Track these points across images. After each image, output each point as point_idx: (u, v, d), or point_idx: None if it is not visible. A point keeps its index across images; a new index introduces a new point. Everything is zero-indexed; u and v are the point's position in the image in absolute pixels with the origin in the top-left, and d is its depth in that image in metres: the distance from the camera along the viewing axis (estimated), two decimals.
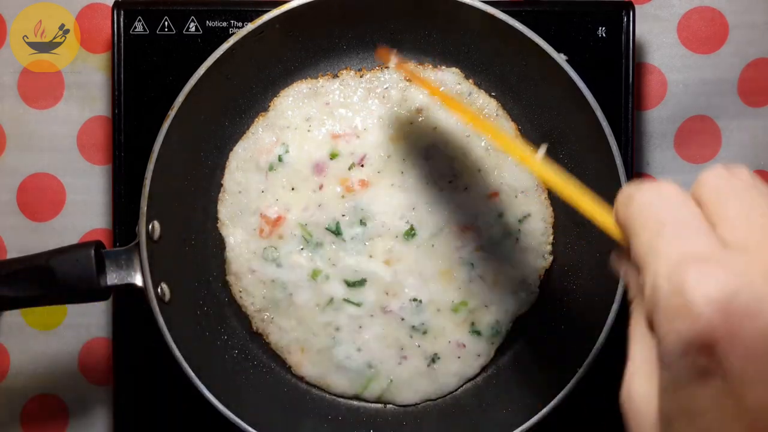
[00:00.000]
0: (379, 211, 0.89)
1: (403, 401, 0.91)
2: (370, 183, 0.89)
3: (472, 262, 0.89)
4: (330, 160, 0.89)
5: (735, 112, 0.96)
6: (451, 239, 0.89)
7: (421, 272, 0.89)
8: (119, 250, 0.80)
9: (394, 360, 0.90)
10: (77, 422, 0.97)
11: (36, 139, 0.97)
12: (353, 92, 0.90)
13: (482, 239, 0.89)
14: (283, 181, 0.89)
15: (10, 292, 0.76)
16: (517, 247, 0.89)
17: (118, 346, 0.92)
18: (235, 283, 0.90)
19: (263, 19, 0.82)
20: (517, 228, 0.89)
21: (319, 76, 0.90)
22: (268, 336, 0.91)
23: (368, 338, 0.90)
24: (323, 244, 0.89)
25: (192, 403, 0.83)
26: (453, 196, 0.89)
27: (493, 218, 0.89)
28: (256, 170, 0.89)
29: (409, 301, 0.89)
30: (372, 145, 0.89)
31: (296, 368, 0.91)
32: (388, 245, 0.89)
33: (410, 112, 0.89)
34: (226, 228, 0.90)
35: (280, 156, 0.89)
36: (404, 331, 0.90)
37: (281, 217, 0.89)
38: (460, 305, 0.89)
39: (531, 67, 0.86)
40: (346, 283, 0.89)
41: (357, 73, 0.90)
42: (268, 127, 0.89)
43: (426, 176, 0.89)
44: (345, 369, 0.90)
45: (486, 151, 0.89)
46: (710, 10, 0.95)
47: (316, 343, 0.90)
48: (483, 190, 0.89)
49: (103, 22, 0.96)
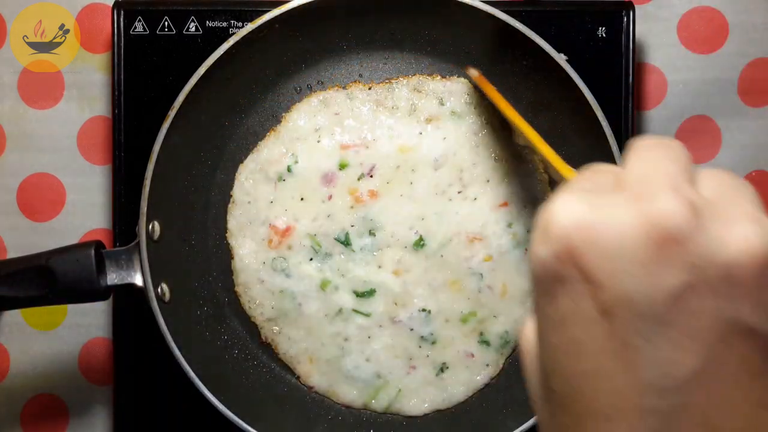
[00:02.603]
0: (388, 222, 0.89)
1: (411, 411, 0.90)
2: (379, 193, 0.89)
3: (481, 273, 0.89)
4: (339, 170, 0.89)
5: (735, 112, 0.95)
6: (459, 249, 0.89)
7: (429, 282, 0.89)
8: (119, 250, 0.80)
9: (403, 370, 0.90)
10: (77, 422, 0.97)
11: (36, 139, 0.97)
12: (362, 104, 0.90)
13: (491, 249, 0.89)
14: (292, 192, 0.89)
15: (10, 292, 0.76)
16: (527, 257, 0.89)
17: (118, 346, 0.92)
18: (243, 293, 0.90)
19: (264, 19, 0.82)
20: (526, 238, 0.89)
21: (328, 88, 0.90)
22: (277, 346, 0.91)
23: (377, 348, 0.90)
24: (332, 255, 0.89)
25: (192, 403, 0.83)
26: (462, 206, 0.89)
27: (502, 228, 0.89)
28: (265, 181, 0.89)
29: (417, 311, 0.89)
30: (381, 155, 0.89)
31: (305, 378, 0.91)
32: (397, 255, 0.89)
33: (420, 123, 0.89)
34: (234, 238, 0.90)
35: (290, 166, 0.89)
36: (413, 342, 0.89)
37: (290, 227, 0.89)
38: (469, 315, 0.89)
39: (531, 67, 0.86)
40: (355, 294, 0.89)
41: (366, 86, 0.90)
42: (279, 140, 0.89)
43: (435, 186, 0.89)
44: (353, 379, 0.90)
45: (495, 161, 0.89)
46: (710, 10, 0.95)
47: (324, 353, 0.90)
48: (492, 200, 0.89)
49: (103, 22, 0.96)
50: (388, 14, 0.87)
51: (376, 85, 0.90)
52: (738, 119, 0.96)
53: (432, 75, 0.91)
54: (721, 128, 0.96)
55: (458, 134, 0.89)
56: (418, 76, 0.90)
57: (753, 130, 0.96)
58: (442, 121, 0.89)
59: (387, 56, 0.91)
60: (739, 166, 0.96)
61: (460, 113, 0.89)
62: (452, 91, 0.90)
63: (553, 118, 0.88)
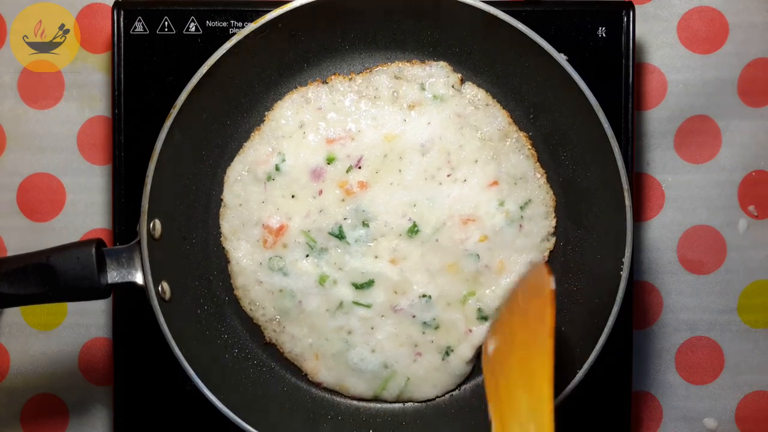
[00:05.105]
0: (381, 211, 0.89)
1: (422, 397, 0.91)
2: (369, 184, 0.89)
3: (478, 253, 0.89)
4: (327, 164, 0.89)
5: (735, 112, 0.96)
6: (454, 232, 0.89)
7: (427, 268, 0.89)
8: (120, 249, 0.80)
9: (409, 358, 0.90)
10: (77, 422, 0.97)
11: (36, 139, 0.97)
12: (343, 95, 0.90)
13: (485, 229, 0.89)
14: (282, 190, 0.89)
15: (11, 289, 0.76)
16: (521, 233, 0.89)
17: (118, 346, 0.92)
18: (243, 296, 0.90)
19: (266, 19, 0.82)
20: (520, 215, 0.89)
21: (308, 83, 0.90)
22: (282, 345, 0.90)
23: (381, 339, 0.90)
24: (328, 249, 0.89)
25: (192, 403, 0.83)
26: (452, 189, 0.89)
27: (494, 207, 0.89)
28: (254, 182, 0.89)
29: (418, 297, 0.89)
30: (367, 146, 0.89)
31: (312, 375, 0.91)
32: (392, 244, 0.89)
33: (403, 110, 0.89)
34: (229, 242, 0.90)
35: (277, 165, 0.89)
36: (416, 329, 0.90)
37: (284, 225, 0.89)
38: (468, 296, 0.89)
39: (532, 68, 0.86)
40: (354, 286, 0.89)
41: (346, 78, 0.90)
42: (264, 139, 0.89)
43: (424, 172, 0.89)
44: (361, 371, 0.90)
45: (481, 141, 0.89)
46: (710, 10, 0.95)
47: (329, 348, 0.90)
48: (482, 180, 0.89)
49: (103, 22, 0.96)
50: (390, 14, 0.87)
51: (356, 76, 0.90)
52: (738, 119, 0.96)
53: (411, 61, 0.91)
54: (721, 128, 0.96)
55: (442, 118, 0.89)
56: (397, 63, 0.90)
57: (753, 129, 0.96)
58: (425, 106, 0.89)
59: (389, 56, 0.91)
60: (738, 166, 0.96)
61: (442, 96, 0.89)
62: (432, 74, 0.90)
63: (554, 120, 0.88)
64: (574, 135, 0.87)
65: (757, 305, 0.97)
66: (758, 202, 0.96)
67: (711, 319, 0.97)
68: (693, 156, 0.96)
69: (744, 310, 0.97)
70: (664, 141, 0.96)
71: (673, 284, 0.97)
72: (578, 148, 0.87)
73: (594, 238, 0.87)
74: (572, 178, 0.89)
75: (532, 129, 0.90)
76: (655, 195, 0.97)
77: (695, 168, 0.96)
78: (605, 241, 0.86)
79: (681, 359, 0.97)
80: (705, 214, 0.97)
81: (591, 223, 0.88)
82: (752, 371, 0.97)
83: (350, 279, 0.89)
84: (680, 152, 0.96)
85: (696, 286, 0.97)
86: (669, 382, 0.97)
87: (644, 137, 0.96)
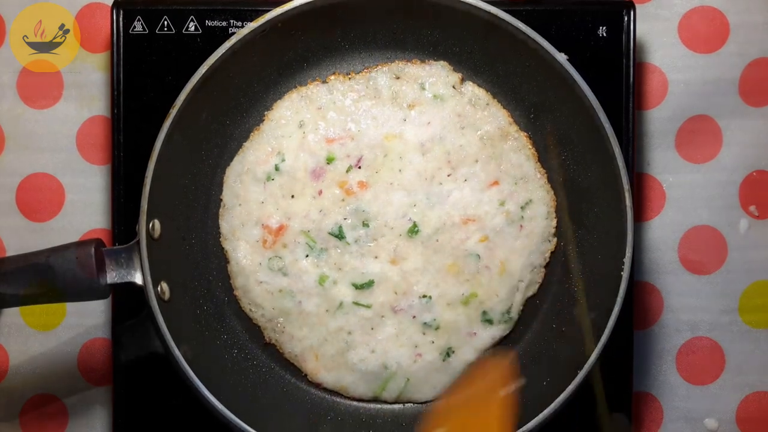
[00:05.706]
0: (381, 211, 0.89)
1: (422, 398, 0.90)
2: (369, 184, 0.89)
3: (478, 253, 0.89)
4: (327, 164, 0.89)
5: (736, 112, 0.95)
6: (454, 232, 0.89)
7: (427, 268, 0.89)
8: (119, 249, 0.80)
9: (409, 358, 0.90)
10: (77, 422, 0.97)
11: (35, 139, 0.97)
12: (343, 95, 0.89)
13: (486, 229, 0.89)
14: (282, 190, 0.89)
15: (10, 289, 0.75)
16: (522, 233, 0.89)
17: (118, 347, 0.92)
18: (243, 296, 0.90)
19: (266, 18, 0.82)
20: (520, 215, 0.89)
21: (308, 83, 0.90)
22: (282, 346, 0.90)
23: (381, 339, 0.89)
24: (328, 249, 0.89)
25: (192, 403, 0.83)
26: (453, 189, 0.89)
27: (495, 207, 0.89)
28: (253, 182, 0.89)
29: (418, 298, 0.89)
30: (367, 145, 0.89)
31: (312, 375, 0.90)
32: (392, 244, 0.89)
33: (403, 109, 0.89)
34: (228, 242, 0.90)
35: (277, 165, 0.89)
36: (416, 329, 0.89)
37: (283, 226, 0.89)
38: (470, 297, 0.89)
39: (532, 68, 0.86)
40: (354, 286, 0.89)
41: (346, 77, 0.90)
42: (263, 139, 0.89)
43: (424, 171, 0.89)
44: (361, 372, 0.90)
45: (482, 141, 0.89)
46: (711, 9, 0.95)
47: (329, 349, 0.90)
48: (482, 180, 0.89)
49: (102, 22, 0.96)
50: (390, 14, 0.87)
51: (356, 75, 0.90)
52: (739, 119, 0.96)
53: (411, 60, 0.91)
54: (722, 128, 0.96)
55: (442, 117, 0.89)
56: (397, 63, 0.90)
57: (754, 129, 0.96)
58: (424, 105, 0.89)
59: (389, 56, 0.91)
60: (739, 166, 0.96)
61: (442, 96, 0.89)
62: (432, 74, 0.90)
63: (554, 120, 0.88)
64: (575, 135, 0.87)
65: (759, 305, 0.97)
66: (759, 202, 0.96)
67: (712, 320, 0.97)
68: (694, 156, 0.96)
69: (745, 311, 0.97)
70: (664, 141, 0.96)
71: (674, 284, 0.97)
72: (579, 148, 0.87)
73: (594, 239, 0.87)
74: (573, 178, 0.88)
75: (533, 129, 0.90)
76: (655, 195, 0.97)
77: (696, 168, 0.96)
78: (606, 242, 0.85)
79: (682, 360, 0.97)
80: (706, 215, 0.96)
81: (591, 224, 0.88)
82: (753, 372, 0.97)
83: (350, 279, 0.89)
84: (681, 152, 0.96)
85: (697, 286, 0.97)
86: (670, 382, 0.97)
87: (645, 137, 0.96)
